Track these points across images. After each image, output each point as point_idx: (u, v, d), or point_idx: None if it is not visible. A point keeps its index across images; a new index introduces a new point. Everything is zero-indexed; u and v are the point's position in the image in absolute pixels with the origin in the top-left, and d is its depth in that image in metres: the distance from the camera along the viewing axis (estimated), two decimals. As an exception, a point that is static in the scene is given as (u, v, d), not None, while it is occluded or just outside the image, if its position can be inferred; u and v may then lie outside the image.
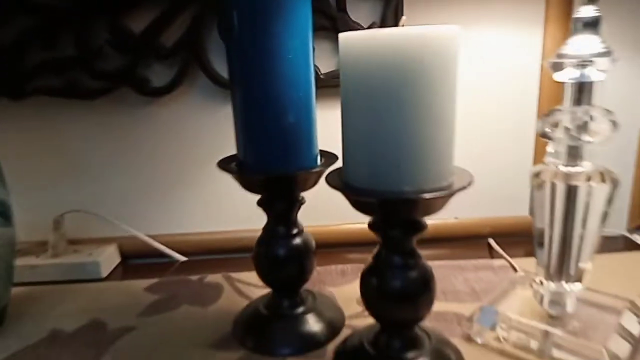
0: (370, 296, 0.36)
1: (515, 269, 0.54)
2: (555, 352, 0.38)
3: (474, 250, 0.61)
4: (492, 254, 0.60)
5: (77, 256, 0.58)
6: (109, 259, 0.60)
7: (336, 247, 0.63)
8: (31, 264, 0.56)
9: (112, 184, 0.63)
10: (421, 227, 0.34)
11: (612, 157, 0.62)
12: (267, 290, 0.49)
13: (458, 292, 0.50)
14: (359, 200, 0.33)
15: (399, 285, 0.35)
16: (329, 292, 0.51)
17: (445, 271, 0.54)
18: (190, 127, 0.61)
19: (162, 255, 0.63)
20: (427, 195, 0.30)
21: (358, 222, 0.63)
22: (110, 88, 0.58)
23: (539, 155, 0.63)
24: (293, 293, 0.45)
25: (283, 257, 0.42)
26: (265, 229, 0.43)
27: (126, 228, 0.62)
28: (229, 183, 0.62)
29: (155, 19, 0.55)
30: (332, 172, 0.36)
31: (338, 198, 0.34)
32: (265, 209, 0.42)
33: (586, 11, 0.34)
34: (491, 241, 0.62)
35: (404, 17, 0.30)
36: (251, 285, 0.53)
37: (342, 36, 0.31)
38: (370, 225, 0.35)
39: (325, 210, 0.55)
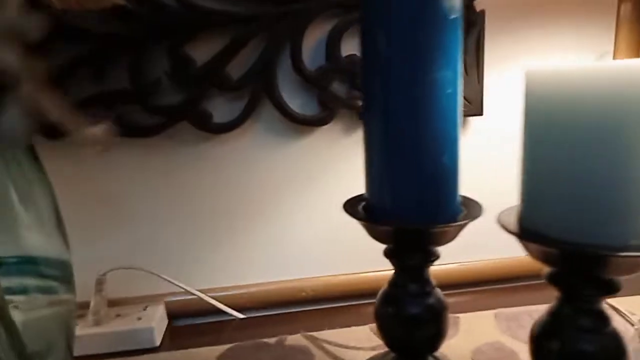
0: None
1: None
2: None
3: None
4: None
5: (124, 322, 0.49)
6: (160, 322, 0.51)
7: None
8: (71, 335, 0.46)
9: (158, 234, 0.55)
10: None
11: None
12: (365, 353, 0.43)
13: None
14: (547, 251, 0.29)
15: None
16: (439, 353, 0.45)
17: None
18: (251, 166, 0.55)
19: (213, 312, 0.55)
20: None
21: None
22: (164, 124, 0.51)
23: None
24: (422, 358, 0.39)
25: (418, 317, 0.36)
26: (392, 284, 0.38)
27: (176, 283, 0.53)
28: (292, 227, 0.56)
29: (223, 48, 0.49)
30: (503, 212, 0.32)
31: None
32: (394, 262, 0.37)
33: None
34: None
35: (605, 50, 0.27)
36: (342, 347, 0.47)
37: (530, 72, 0.27)
38: (556, 281, 0.30)
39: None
